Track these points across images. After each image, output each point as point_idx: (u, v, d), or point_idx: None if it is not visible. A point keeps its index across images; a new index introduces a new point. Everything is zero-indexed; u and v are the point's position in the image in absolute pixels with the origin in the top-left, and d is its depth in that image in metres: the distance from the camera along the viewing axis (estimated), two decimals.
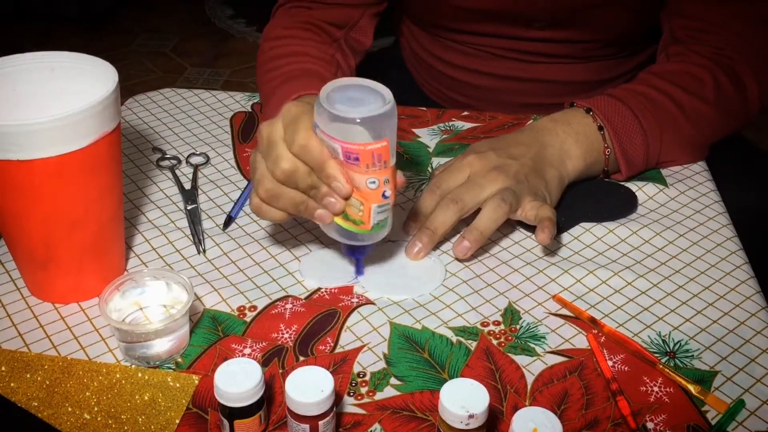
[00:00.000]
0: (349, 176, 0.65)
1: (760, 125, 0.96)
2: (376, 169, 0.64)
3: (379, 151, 0.63)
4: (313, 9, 1.01)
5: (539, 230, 0.74)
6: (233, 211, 0.83)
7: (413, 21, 1.16)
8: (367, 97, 0.64)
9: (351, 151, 0.63)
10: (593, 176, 0.87)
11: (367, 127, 0.62)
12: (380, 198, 0.66)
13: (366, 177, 0.65)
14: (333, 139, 0.63)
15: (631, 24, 1.01)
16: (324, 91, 0.64)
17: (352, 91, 0.65)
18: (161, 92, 1.08)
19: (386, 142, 0.63)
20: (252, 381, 0.56)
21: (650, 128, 0.85)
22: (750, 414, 0.61)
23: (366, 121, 0.62)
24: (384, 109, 0.63)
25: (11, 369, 0.65)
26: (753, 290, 0.73)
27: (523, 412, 0.54)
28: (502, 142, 0.83)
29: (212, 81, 2.87)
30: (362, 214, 0.67)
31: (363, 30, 1.04)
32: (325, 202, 0.67)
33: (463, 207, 0.76)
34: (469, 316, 0.71)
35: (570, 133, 0.84)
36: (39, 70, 0.72)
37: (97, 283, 0.71)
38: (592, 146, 0.84)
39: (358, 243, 0.70)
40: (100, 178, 0.67)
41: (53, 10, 3.23)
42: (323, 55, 0.96)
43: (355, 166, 0.64)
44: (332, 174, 0.65)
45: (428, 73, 1.18)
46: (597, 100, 0.86)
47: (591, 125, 0.85)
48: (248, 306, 0.72)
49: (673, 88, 0.87)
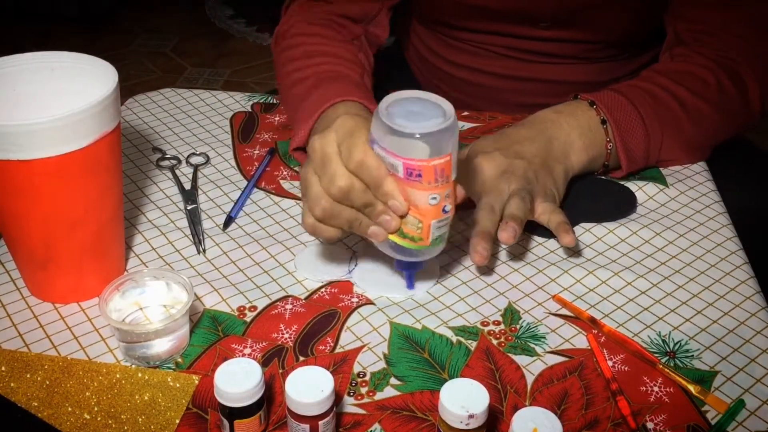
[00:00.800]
0: (406, 193, 0.63)
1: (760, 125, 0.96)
2: (438, 185, 0.62)
3: (442, 166, 0.61)
4: (332, 3, 0.99)
5: (561, 235, 0.74)
6: (233, 211, 0.83)
7: (418, 19, 1.16)
8: (427, 111, 0.62)
9: (413, 168, 0.61)
10: (593, 170, 0.87)
11: (428, 142, 0.60)
12: (440, 213, 0.64)
13: (428, 193, 0.62)
14: (393, 156, 0.61)
15: (632, 25, 1.01)
16: (383, 105, 0.62)
17: (412, 105, 0.63)
18: (161, 92, 1.08)
19: (449, 157, 0.62)
20: (252, 381, 0.56)
21: (652, 125, 0.85)
22: (750, 414, 0.61)
23: (427, 137, 0.60)
24: (446, 124, 0.61)
25: (11, 369, 0.65)
26: (753, 290, 0.73)
27: (523, 412, 0.54)
28: (506, 139, 0.82)
29: (212, 81, 2.87)
30: (420, 231, 0.65)
31: (381, 24, 1.02)
32: (381, 220, 0.65)
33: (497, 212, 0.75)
34: (469, 315, 0.71)
35: (574, 125, 0.84)
36: (39, 70, 0.72)
37: (97, 283, 0.71)
38: (594, 139, 0.84)
39: (413, 259, 0.68)
40: (100, 178, 0.67)
41: (53, 10, 3.22)
42: (350, 56, 0.95)
43: (417, 183, 0.62)
44: (390, 192, 0.63)
45: (431, 72, 1.18)
46: (601, 94, 0.86)
47: (594, 118, 0.85)
48: (248, 306, 0.72)
49: (677, 86, 0.87)
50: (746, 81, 0.90)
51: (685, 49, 0.92)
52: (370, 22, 1.01)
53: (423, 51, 1.17)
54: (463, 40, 1.09)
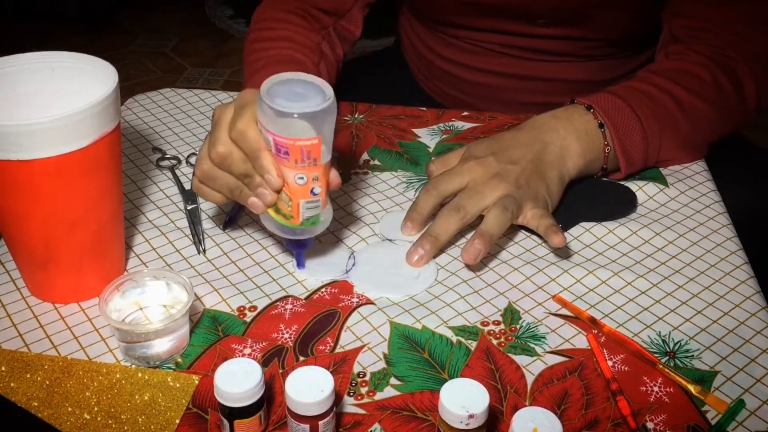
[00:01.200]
0: (280, 170, 0.65)
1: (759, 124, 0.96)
2: (305, 165, 0.64)
3: (308, 148, 0.63)
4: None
5: (551, 237, 0.74)
6: (233, 211, 0.83)
7: (415, 16, 1.16)
8: (308, 93, 0.64)
9: (281, 145, 0.63)
10: (591, 174, 0.87)
11: (297, 122, 0.62)
12: (309, 194, 0.66)
13: (295, 172, 0.65)
14: (267, 132, 0.64)
15: (632, 23, 1.01)
16: (266, 85, 0.64)
17: (295, 86, 0.65)
18: (161, 92, 1.08)
19: (317, 140, 0.63)
20: (252, 381, 0.56)
21: (650, 126, 0.85)
22: (750, 414, 0.61)
23: (297, 116, 0.62)
24: (317, 108, 0.63)
25: (11, 369, 0.65)
26: (753, 290, 0.73)
27: (523, 412, 0.54)
28: (501, 143, 0.82)
29: (212, 81, 2.87)
30: (291, 208, 0.67)
31: (353, 19, 1.03)
32: (258, 192, 0.67)
33: (465, 215, 0.76)
34: (469, 315, 0.71)
35: (571, 130, 0.84)
36: (39, 70, 0.72)
37: (97, 283, 0.71)
38: (592, 143, 0.84)
39: (293, 237, 0.71)
40: (100, 178, 0.67)
41: (53, 10, 3.22)
42: (309, 42, 0.97)
43: (285, 160, 0.64)
44: (265, 166, 0.65)
45: (429, 71, 1.18)
46: (597, 98, 0.86)
47: (592, 122, 0.85)
48: (248, 306, 0.72)
49: (673, 85, 0.87)
50: (742, 78, 0.89)
51: (681, 47, 0.92)
52: (342, 16, 1.02)
53: (421, 49, 1.17)
54: (460, 38, 1.09)
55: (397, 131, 0.99)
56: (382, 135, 0.98)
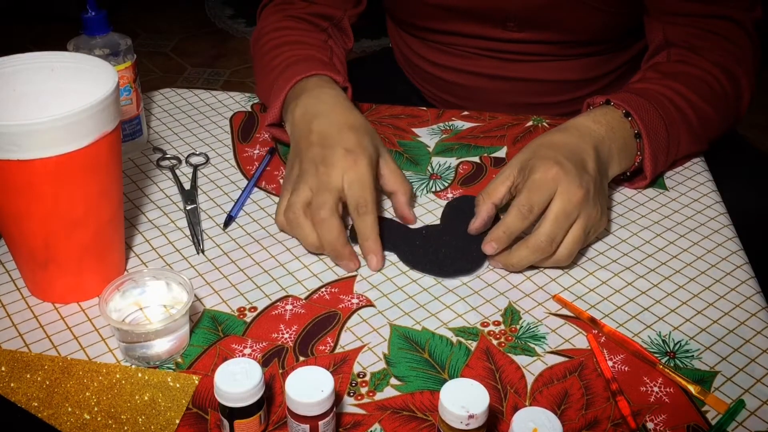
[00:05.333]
0: None
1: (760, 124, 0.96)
2: None
3: None
4: (295, 3, 1.03)
5: (488, 240, 0.74)
6: (233, 211, 0.83)
7: (393, 21, 1.17)
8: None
9: None
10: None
11: None
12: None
13: None
14: None
15: (602, 24, 1.00)
16: None
17: None
18: (161, 92, 1.08)
19: None
20: (252, 381, 0.56)
21: (674, 140, 0.85)
22: (750, 414, 0.61)
23: None
24: None
25: (11, 369, 0.65)
26: (753, 290, 0.73)
27: (523, 412, 0.54)
28: (564, 150, 0.75)
29: (212, 81, 2.87)
30: None
31: (345, 29, 1.06)
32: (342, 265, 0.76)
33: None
34: (469, 316, 0.71)
35: (615, 140, 0.81)
36: (39, 70, 0.72)
37: (97, 283, 0.71)
38: (630, 154, 0.83)
39: None
40: (100, 178, 0.67)
41: (53, 10, 3.22)
42: (318, 42, 0.99)
43: None
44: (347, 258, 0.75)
45: (419, 75, 1.19)
46: (634, 103, 0.83)
47: (629, 131, 0.82)
48: (248, 306, 0.72)
49: (691, 93, 0.87)
50: (742, 86, 0.91)
51: (687, 52, 0.91)
52: (336, 24, 1.05)
53: (407, 53, 1.18)
54: (438, 42, 1.10)
55: (396, 131, 0.99)
56: (382, 135, 0.98)
